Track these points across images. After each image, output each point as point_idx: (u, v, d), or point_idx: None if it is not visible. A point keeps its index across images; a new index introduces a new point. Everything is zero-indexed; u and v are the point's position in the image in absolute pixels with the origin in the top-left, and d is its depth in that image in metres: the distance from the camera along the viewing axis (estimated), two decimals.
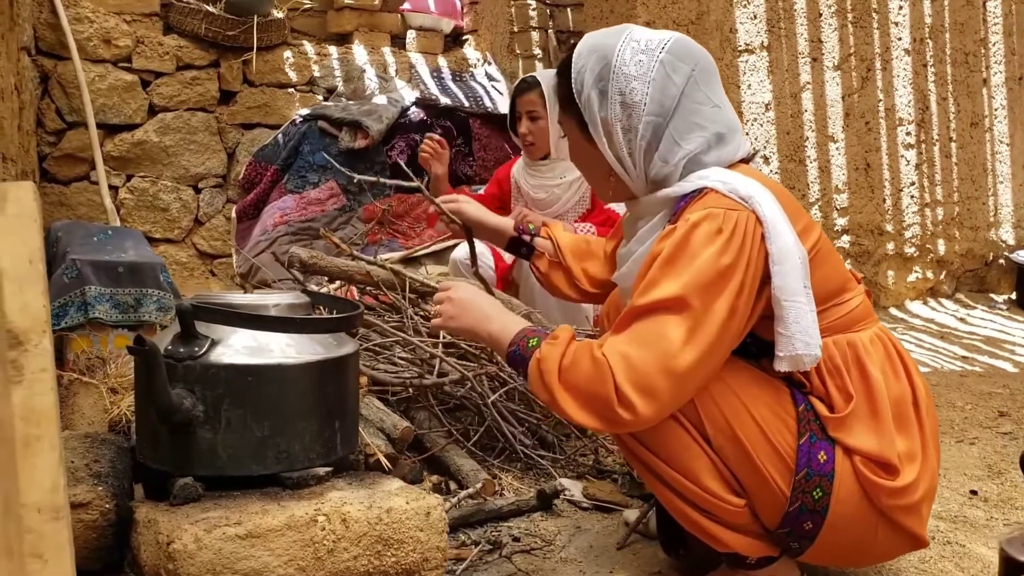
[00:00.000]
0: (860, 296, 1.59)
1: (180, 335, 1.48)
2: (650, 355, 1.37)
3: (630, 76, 1.52)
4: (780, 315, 1.43)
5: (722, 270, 1.39)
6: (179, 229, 4.90)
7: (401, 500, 1.42)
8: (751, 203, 1.44)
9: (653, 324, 1.39)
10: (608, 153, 1.57)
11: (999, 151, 5.03)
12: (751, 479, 1.47)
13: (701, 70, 1.54)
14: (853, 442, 1.47)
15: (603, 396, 1.37)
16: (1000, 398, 3.14)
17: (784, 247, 1.43)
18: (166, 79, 4.78)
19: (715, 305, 1.39)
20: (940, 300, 4.92)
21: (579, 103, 1.56)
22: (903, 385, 1.54)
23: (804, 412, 1.48)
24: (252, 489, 1.47)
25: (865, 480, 1.46)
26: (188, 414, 1.45)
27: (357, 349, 1.65)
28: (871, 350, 1.53)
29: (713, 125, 1.53)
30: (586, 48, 1.57)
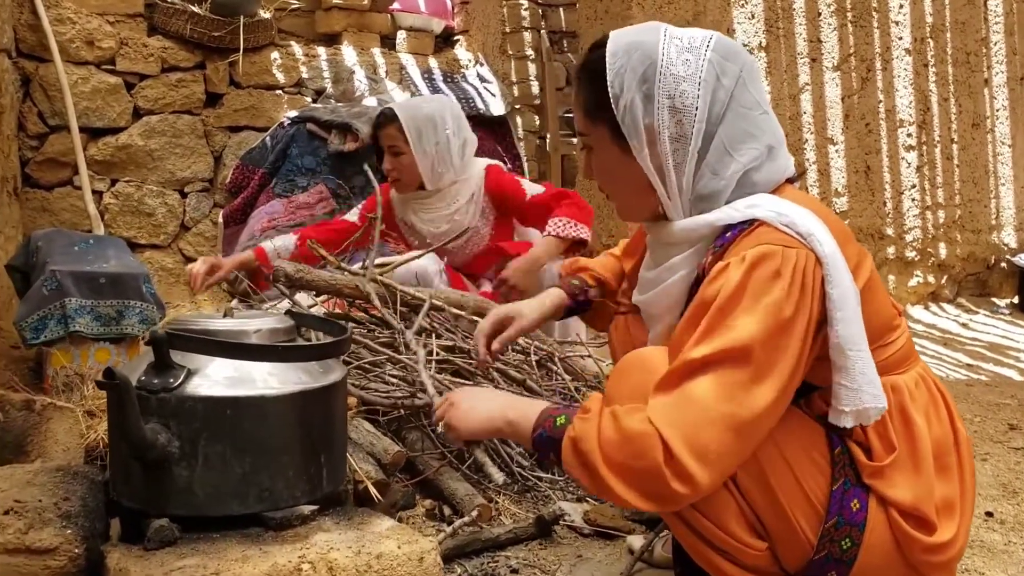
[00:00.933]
0: (905, 334, 1.46)
1: (154, 365, 1.38)
2: (707, 417, 1.22)
3: (679, 77, 1.36)
4: (844, 366, 1.30)
5: (784, 321, 1.26)
6: (165, 235, 4.78)
7: (392, 544, 1.33)
8: (810, 241, 1.30)
9: (710, 381, 1.24)
10: (648, 165, 1.40)
11: (1001, 152, 4.95)
12: (776, 524, 1.37)
13: (748, 70, 1.40)
14: (891, 493, 1.36)
15: (653, 470, 1.22)
16: (1009, 409, 3.05)
17: (845, 291, 1.29)
18: (151, 81, 4.67)
19: (778, 358, 1.25)
20: (941, 305, 4.85)
21: (615, 109, 1.39)
22: (945, 428, 1.43)
23: (840, 455, 1.37)
24: (232, 530, 1.37)
25: (900, 532, 1.35)
26: (163, 450, 1.35)
27: (345, 375, 1.55)
28: (915, 394, 1.41)
29: (764, 135, 1.39)
30: (622, 46, 1.40)
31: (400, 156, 3.14)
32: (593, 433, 1.27)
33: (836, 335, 1.30)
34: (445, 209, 3.19)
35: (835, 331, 1.30)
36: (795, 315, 1.26)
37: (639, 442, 1.23)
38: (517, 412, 1.40)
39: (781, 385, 1.26)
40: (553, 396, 2.42)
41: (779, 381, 1.26)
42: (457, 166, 3.19)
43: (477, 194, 3.23)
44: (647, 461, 1.22)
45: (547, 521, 2.04)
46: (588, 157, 1.52)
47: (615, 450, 1.24)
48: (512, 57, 5.68)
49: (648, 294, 1.53)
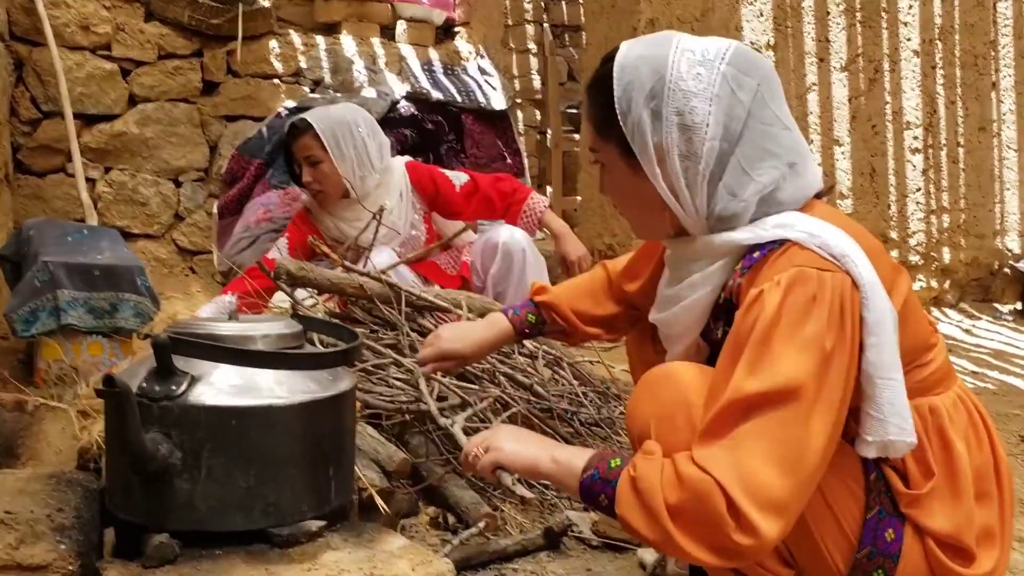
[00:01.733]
0: (943, 353, 1.40)
1: (156, 371, 1.31)
2: (765, 463, 1.15)
3: (689, 93, 1.28)
4: (872, 395, 1.24)
5: (827, 354, 1.19)
6: (159, 224, 4.70)
7: (406, 566, 1.26)
8: (846, 263, 1.23)
9: (763, 424, 1.16)
10: (660, 184, 1.33)
11: (1007, 157, 4.90)
12: (804, 551, 1.31)
13: (767, 85, 1.31)
14: (928, 523, 1.29)
15: (716, 518, 1.13)
16: (1020, 420, 3.01)
17: (880, 316, 1.22)
18: (147, 68, 4.58)
19: (825, 392, 1.18)
20: (944, 310, 4.80)
21: (623, 126, 1.32)
22: (985, 454, 1.37)
23: (875, 482, 1.31)
24: (236, 546, 1.31)
25: (937, 565, 1.29)
26: (164, 461, 1.28)
27: (354, 384, 1.49)
28: (954, 417, 1.34)
29: (786, 152, 1.31)
30: (630, 61, 1.33)
31: (319, 165, 3.05)
32: (656, 474, 1.19)
33: (866, 361, 1.23)
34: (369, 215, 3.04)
35: (865, 357, 1.23)
36: (836, 346, 1.20)
37: (700, 487, 1.15)
38: (565, 454, 1.32)
39: (832, 419, 1.20)
40: (561, 401, 2.36)
41: (830, 415, 1.19)
42: (378, 168, 3.13)
43: (405, 192, 3.17)
44: (709, 508, 1.14)
45: (556, 532, 1.98)
46: (601, 174, 1.45)
47: (675, 494, 1.16)
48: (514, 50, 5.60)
49: (666, 313, 1.46)
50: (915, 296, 1.38)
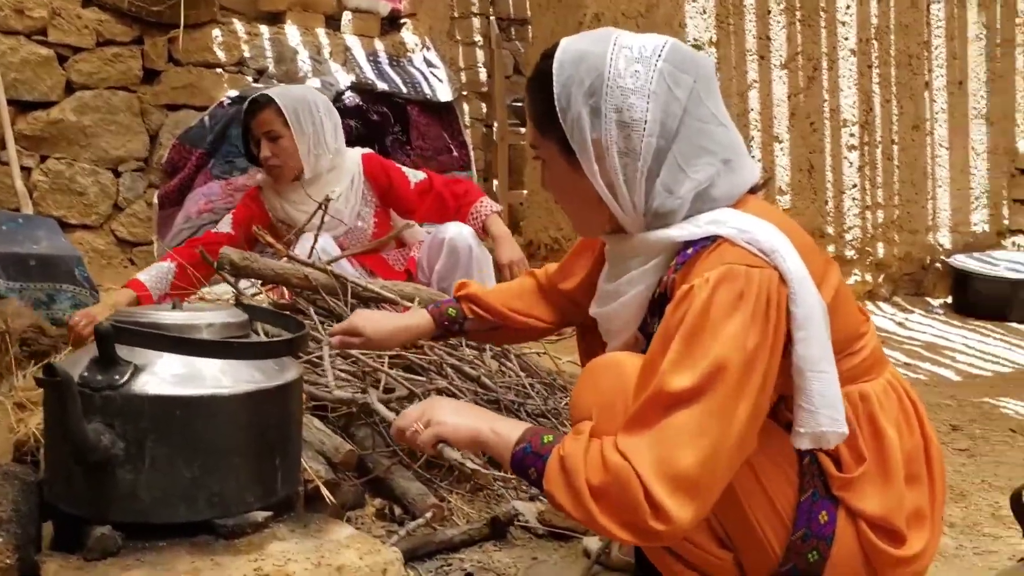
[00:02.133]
0: (873, 341, 1.43)
1: (98, 360, 1.29)
2: (683, 456, 1.19)
3: (627, 90, 1.30)
4: (803, 387, 1.27)
5: (752, 348, 1.22)
6: (97, 215, 4.61)
7: (353, 555, 1.26)
8: (775, 259, 1.25)
9: (686, 416, 1.20)
10: (599, 181, 1.34)
11: (939, 155, 5.05)
12: (741, 534, 1.34)
13: (704, 81, 1.34)
14: (860, 505, 1.33)
15: (633, 503, 1.18)
16: (950, 410, 3.10)
17: (809, 311, 1.25)
18: (85, 55, 4.48)
19: (745, 388, 1.22)
20: (878, 304, 4.93)
21: (563, 122, 1.34)
22: (916, 438, 1.41)
23: (809, 466, 1.34)
24: (180, 538, 1.29)
25: (869, 546, 1.33)
26: (106, 452, 1.26)
27: (300, 374, 1.48)
28: (885, 403, 1.38)
29: (721, 149, 1.33)
30: (569, 57, 1.34)
31: (279, 140, 3.02)
32: (582, 455, 1.23)
33: (796, 355, 1.26)
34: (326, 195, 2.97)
35: (795, 351, 1.26)
36: (760, 342, 1.23)
37: (621, 474, 1.19)
38: (503, 425, 1.34)
39: (751, 411, 1.23)
40: (508, 392, 2.37)
41: (748, 407, 1.22)
42: (332, 149, 3.12)
43: (356, 180, 3.16)
44: (628, 495, 1.19)
45: (502, 522, 1.99)
46: (543, 169, 1.47)
47: (598, 476, 1.21)
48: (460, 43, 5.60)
49: (606, 308, 1.49)
50: (846, 287, 1.42)
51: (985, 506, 2.24)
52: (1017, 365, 3.86)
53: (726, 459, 1.22)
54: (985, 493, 2.32)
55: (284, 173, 3.07)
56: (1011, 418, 3.02)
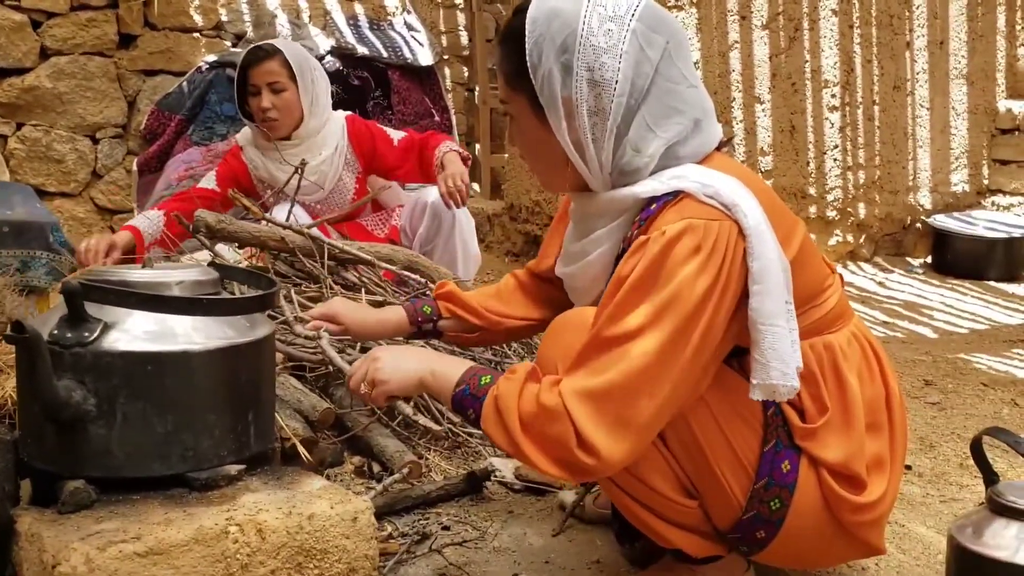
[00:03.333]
0: (837, 293, 1.46)
1: (67, 318, 1.30)
2: (615, 393, 1.23)
3: (599, 49, 1.30)
4: (755, 340, 1.29)
5: (700, 295, 1.24)
6: (75, 182, 4.58)
7: (325, 504, 1.28)
8: (735, 212, 1.27)
9: (620, 357, 1.23)
10: (566, 139, 1.35)
11: (920, 115, 5.05)
12: (705, 483, 1.37)
13: (675, 42, 1.34)
14: (821, 454, 1.36)
15: (562, 441, 1.23)
16: (924, 366, 3.14)
17: (766, 264, 1.27)
18: (59, 20, 4.43)
19: (691, 333, 1.24)
20: (859, 264, 4.95)
21: (534, 78, 1.34)
22: (877, 387, 1.44)
23: (772, 417, 1.37)
24: (155, 491, 1.31)
25: (830, 493, 1.36)
26: (78, 409, 1.27)
27: (273, 331, 1.49)
28: (848, 353, 1.41)
29: (691, 109, 1.34)
30: (542, 13, 1.34)
31: (282, 93, 3.00)
32: (515, 394, 1.28)
33: (751, 308, 1.28)
34: (312, 160, 3.02)
35: (750, 304, 1.28)
36: (710, 287, 1.25)
37: (551, 413, 1.24)
38: (442, 365, 1.40)
39: (691, 356, 1.26)
40: (485, 351, 2.39)
41: (688, 354, 1.25)
42: (326, 107, 3.11)
43: (341, 144, 3.15)
44: (557, 430, 1.23)
45: (478, 477, 2.02)
46: (511, 125, 1.47)
47: (530, 417, 1.26)
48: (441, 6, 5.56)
49: (572, 267, 1.50)
50: (811, 243, 1.44)
51: (953, 456, 2.29)
52: (992, 322, 3.90)
53: (664, 399, 1.25)
54: (953, 444, 2.36)
55: (280, 127, 3.04)
56: (983, 372, 3.06)
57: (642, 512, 1.41)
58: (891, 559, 1.78)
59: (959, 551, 1.57)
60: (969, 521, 1.61)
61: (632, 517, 1.44)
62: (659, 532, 1.42)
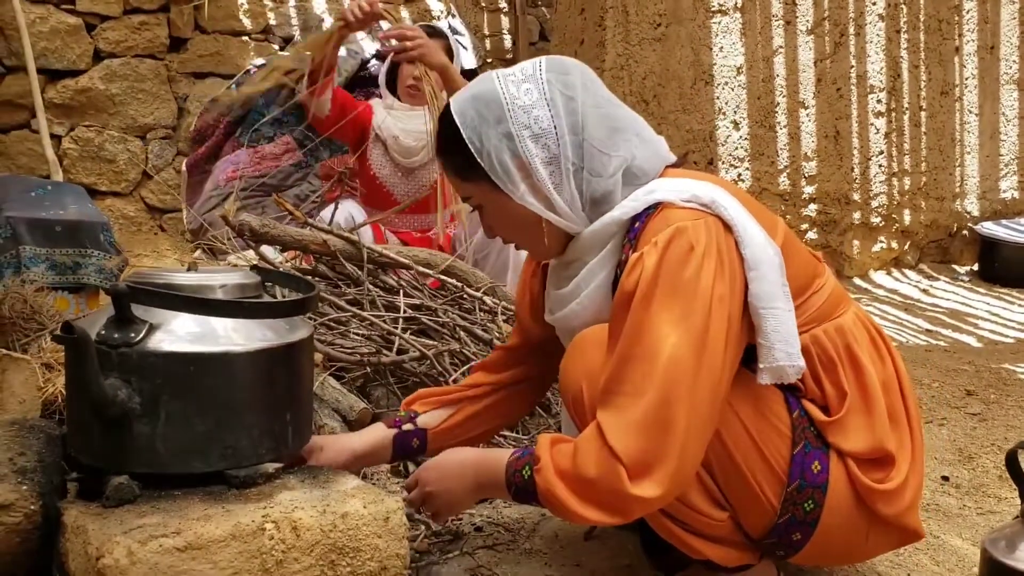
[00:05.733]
0: (830, 278, 1.51)
1: (114, 319, 1.35)
2: (655, 412, 1.25)
3: (527, 106, 1.40)
4: (758, 325, 1.33)
5: (710, 288, 1.28)
6: (126, 182, 4.69)
7: (358, 503, 1.31)
8: (715, 208, 1.33)
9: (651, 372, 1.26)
10: (531, 201, 1.42)
11: (968, 121, 4.98)
12: (738, 492, 1.38)
13: (586, 76, 1.45)
14: (848, 446, 1.39)
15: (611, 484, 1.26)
16: (966, 375, 3.10)
17: (757, 250, 1.32)
18: (112, 23, 4.54)
19: (708, 334, 1.27)
20: (904, 271, 4.90)
21: (482, 160, 1.42)
22: (889, 370, 1.47)
23: (799, 419, 1.39)
24: (194, 488, 1.35)
25: (861, 486, 1.39)
26: (123, 406, 1.32)
27: (311, 333, 1.53)
28: (857, 335, 1.45)
29: (628, 124, 1.43)
30: (466, 103, 1.44)
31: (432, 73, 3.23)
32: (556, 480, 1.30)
33: (751, 295, 1.33)
34: (422, 126, 3.30)
35: (750, 291, 1.33)
36: (715, 283, 1.28)
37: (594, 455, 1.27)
38: (487, 478, 1.42)
39: (719, 358, 1.28)
40: None
41: (716, 355, 1.28)
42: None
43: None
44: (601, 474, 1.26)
45: None
46: (483, 218, 1.53)
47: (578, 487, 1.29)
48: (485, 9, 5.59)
49: (566, 308, 1.51)
50: (793, 236, 1.49)
51: (992, 468, 2.26)
52: None
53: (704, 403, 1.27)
54: (993, 456, 2.34)
55: (420, 98, 3.29)
56: None
57: (674, 527, 1.42)
58: (924, 570, 1.77)
59: (992, 564, 1.56)
60: (1003, 534, 1.60)
61: (663, 530, 1.45)
62: (690, 545, 1.43)
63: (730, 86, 4.42)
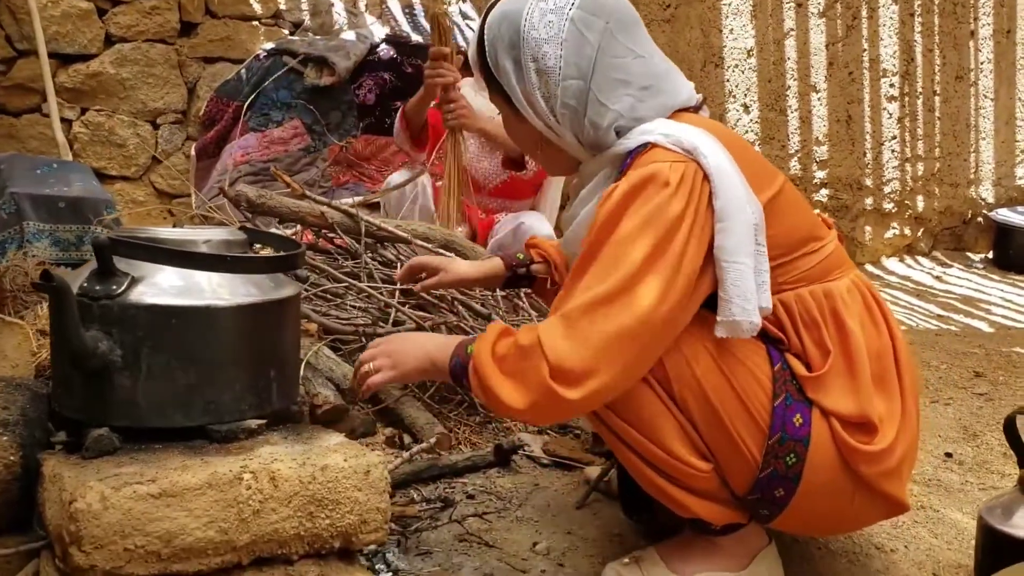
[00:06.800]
0: (833, 243, 1.49)
1: (97, 271, 1.34)
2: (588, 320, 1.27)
3: (540, 40, 1.42)
4: (720, 277, 1.33)
5: (668, 220, 1.29)
6: (136, 166, 4.69)
7: (339, 457, 1.30)
8: (696, 155, 1.34)
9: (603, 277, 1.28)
10: (537, 123, 1.47)
11: (983, 106, 4.92)
12: (720, 442, 1.37)
13: (617, 22, 1.44)
14: (831, 404, 1.36)
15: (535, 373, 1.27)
16: (975, 358, 3.06)
17: (730, 203, 1.32)
18: (123, 8, 4.54)
19: (660, 257, 1.28)
20: (917, 257, 4.85)
21: (497, 76, 1.48)
22: (884, 339, 1.44)
23: (780, 371, 1.37)
24: (176, 441, 1.34)
25: (843, 444, 1.36)
26: (104, 359, 1.31)
27: (298, 292, 1.52)
28: (848, 301, 1.43)
29: (638, 78, 1.43)
30: (495, 18, 1.48)
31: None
32: (487, 347, 1.33)
33: (715, 246, 1.33)
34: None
35: (715, 242, 1.33)
36: (682, 213, 1.30)
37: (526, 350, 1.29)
38: (438, 349, 1.44)
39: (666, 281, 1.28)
40: None
41: (664, 277, 1.28)
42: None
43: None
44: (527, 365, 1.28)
45: (506, 450, 2.03)
46: (505, 126, 1.60)
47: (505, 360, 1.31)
48: None
49: (567, 233, 1.57)
50: (797, 195, 1.49)
51: (997, 446, 2.23)
52: None
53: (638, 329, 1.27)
54: (998, 433, 2.30)
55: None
56: None
57: (658, 479, 1.41)
58: (922, 542, 1.75)
59: (987, 532, 1.53)
60: (999, 502, 1.57)
61: (648, 485, 1.43)
62: (677, 499, 1.41)
63: (740, 68, 4.39)
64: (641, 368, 1.32)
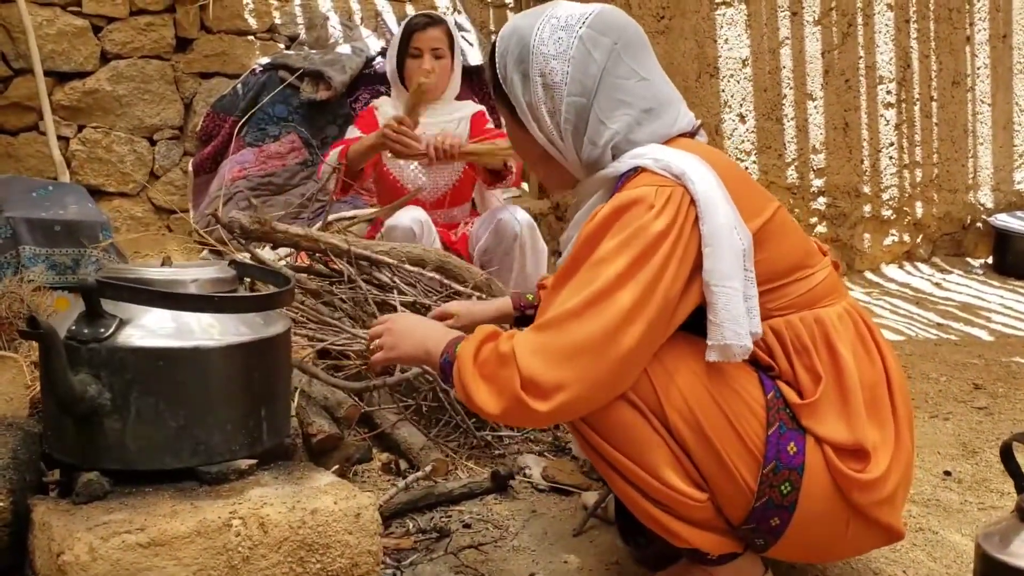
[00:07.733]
0: (826, 269, 1.49)
1: (84, 314, 1.34)
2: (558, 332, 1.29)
3: (548, 55, 1.45)
4: (710, 301, 1.34)
5: (650, 237, 1.30)
6: (134, 183, 4.69)
7: (329, 500, 1.30)
8: (683, 180, 1.35)
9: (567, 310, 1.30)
10: (540, 137, 1.50)
11: (980, 111, 4.91)
12: (714, 472, 1.36)
13: (625, 43, 1.46)
14: (824, 432, 1.37)
15: (508, 382, 1.29)
16: (975, 369, 3.05)
17: (718, 228, 1.33)
18: (119, 24, 4.53)
19: (648, 285, 1.30)
20: (916, 264, 4.84)
21: (505, 88, 1.50)
22: (877, 369, 1.43)
23: (773, 400, 1.38)
24: (166, 484, 1.34)
25: (837, 473, 1.36)
26: (93, 403, 1.31)
27: (289, 328, 1.51)
28: (840, 328, 1.43)
29: (640, 100, 1.45)
30: (508, 31, 1.51)
31: (442, 59, 3.22)
32: (470, 351, 1.35)
33: (704, 270, 1.34)
34: (444, 116, 3.25)
35: (704, 266, 1.34)
36: (665, 231, 1.31)
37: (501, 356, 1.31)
38: (434, 343, 1.46)
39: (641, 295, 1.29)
40: None
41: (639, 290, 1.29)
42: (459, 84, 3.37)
43: (463, 128, 3.29)
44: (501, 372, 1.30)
45: (503, 476, 2.02)
46: (510, 138, 1.63)
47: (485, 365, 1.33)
48: (491, 6, 5.56)
49: (564, 254, 1.57)
50: (791, 223, 1.49)
51: (996, 463, 2.21)
52: None
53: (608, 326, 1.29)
54: (996, 450, 2.28)
55: (434, 90, 3.21)
56: None
57: (653, 508, 1.40)
58: (920, 566, 1.74)
59: (985, 559, 1.52)
60: (997, 529, 1.56)
61: (643, 515, 1.43)
62: (671, 529, 1.41)
63: (736, 78, 4.38)
64: (613, 383, 1.32)
